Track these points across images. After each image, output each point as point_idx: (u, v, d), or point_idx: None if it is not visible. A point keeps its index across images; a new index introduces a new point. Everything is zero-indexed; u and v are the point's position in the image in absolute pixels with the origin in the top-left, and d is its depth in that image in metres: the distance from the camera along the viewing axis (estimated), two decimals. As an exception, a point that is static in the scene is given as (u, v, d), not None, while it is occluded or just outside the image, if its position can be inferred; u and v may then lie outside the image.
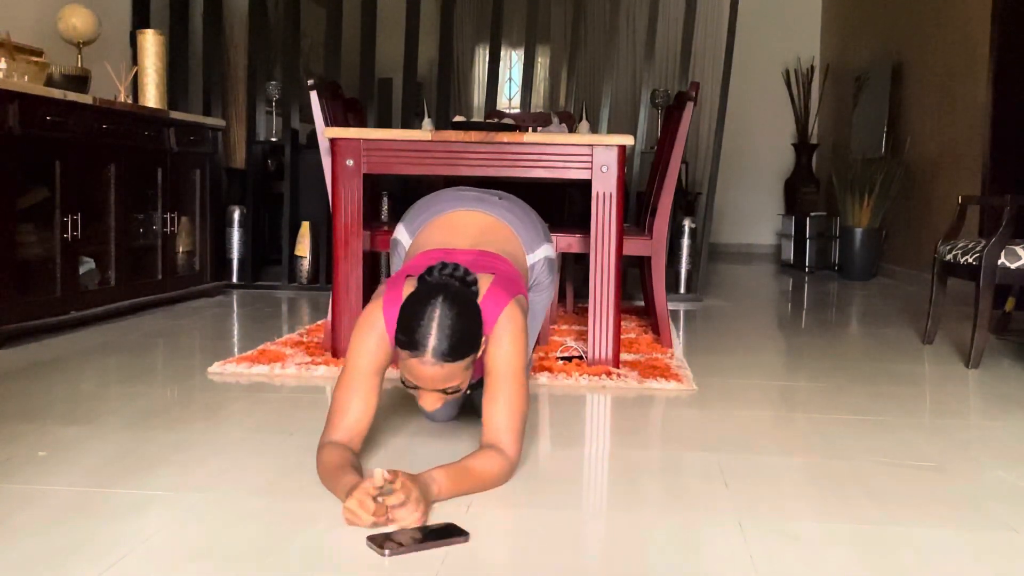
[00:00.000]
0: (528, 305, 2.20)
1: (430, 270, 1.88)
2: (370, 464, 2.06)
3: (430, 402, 1.88)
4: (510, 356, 1.95)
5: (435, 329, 1.76)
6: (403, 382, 1.87)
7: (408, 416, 2.50)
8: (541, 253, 2.38)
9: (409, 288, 1.96)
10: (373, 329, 1.95)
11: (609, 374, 3.09)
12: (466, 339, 1.79)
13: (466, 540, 1.62)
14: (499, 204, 2.36)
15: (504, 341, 1.95)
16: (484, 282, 2.02)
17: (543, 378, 3.02)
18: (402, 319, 1.80)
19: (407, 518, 1.66)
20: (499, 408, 1.93)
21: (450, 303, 1.79)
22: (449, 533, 1.63)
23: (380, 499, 1.66)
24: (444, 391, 1.85)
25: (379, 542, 1.58)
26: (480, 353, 1.88)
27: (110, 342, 3.60)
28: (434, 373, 1.79)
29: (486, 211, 2.33)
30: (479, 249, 2.18)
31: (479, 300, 1.96)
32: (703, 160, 9.00)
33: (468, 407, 2.49)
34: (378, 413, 2.48)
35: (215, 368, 3.06)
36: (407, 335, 1.78)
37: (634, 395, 2.87)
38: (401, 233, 2.40)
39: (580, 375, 3.05)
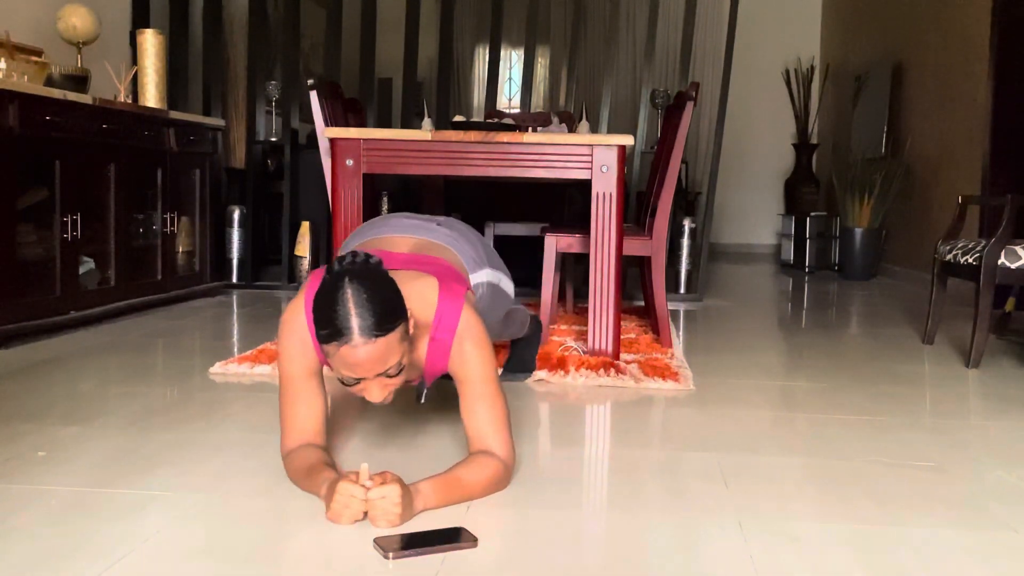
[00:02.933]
0: (475, 303, 2.12)
1: (331, 265, 1.75)
2: (347, 459, 2.06)
3: (376, 392, 1.76)
4: (478, 362, 1.89)
5: (352, 308, 1.64)
6: (342, 381, 1.75)
7: (398, 417, 2.50)
8: (483, 277, 2.28)
9: None
10: (297, 331, 1.89)
11: (609, 366, 3.10)
12: (388, 308, 1.68)
13: (474, 545, 1.61)
14: (436, 229, 2.27)
15: (468, 348, 1.89)
16: (430, 285, 1.93)
17: (542, 374, 3.02)
18: (317, 315, 1.68)
19: (380, 519, 1.65)
20: (480, 414, 1.89)
21: (358, 281, 1.67)
22: (458, 537, 1.62)
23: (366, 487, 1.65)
24: (387, 374, 1.73)
25: (385, 544, 1.57)
26: (411, 327, 1.78)
27: (110, 342, 3.60)
28: (369, 354, 1.67)
29: (423, 235, 2.23)
30: (414, 254, 2.10)
31: (434, 311, 1.89)
32: (703, 160, 9.00)
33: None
34: (353, 416, 2.47)
35: (216, 368, 3.06)
36: (327, 327, 1.66)
37: (634, 395, 2.87)
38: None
39: (581, 367, 3.05)
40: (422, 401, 2.05)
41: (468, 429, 1.91)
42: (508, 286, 2.45)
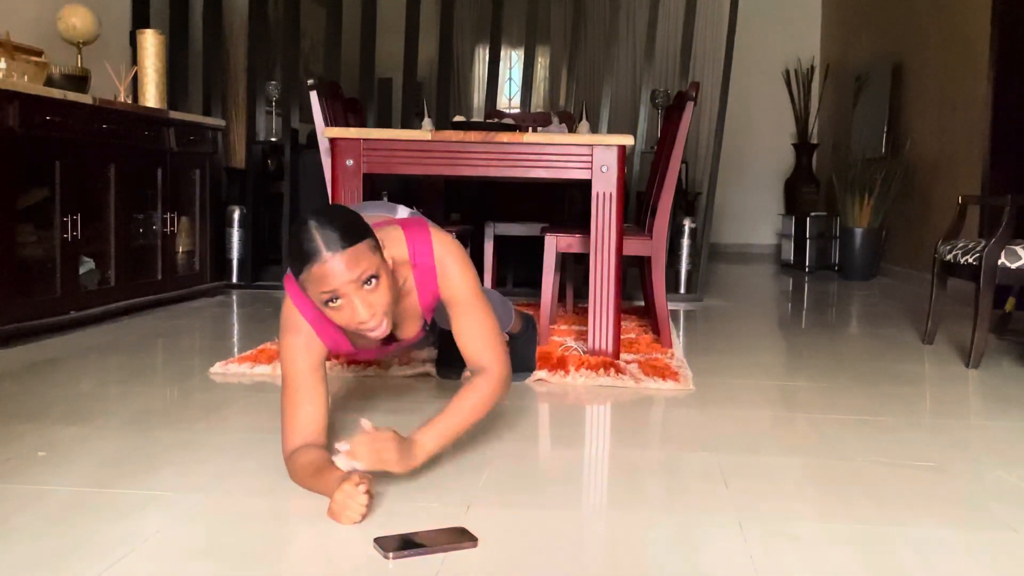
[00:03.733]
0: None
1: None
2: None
3: (361, 309, 1.76)
4: (461, 280, 2.00)
5: (316, 232, 1.72)
6: (326, 304, 1.76)
7: (392, 400, 2.50)
8: (404, 211, 2.37)
9: None
10: (297, 326, 1.92)
11: (609, 366, 3.10)
12: (351, 223, 1.75)
13: (475, 545, 1.61)
14: (395, 206, 2.37)
15: (451, 268, 2.00)
16: (393, 227, 2.02)
17: (542, 374, 3.02)
18: (290, 258, 1.76)
19: (370, 464, 1.72)
20: (471, 333, 2.00)
21: (316, 212, 1.76)
22: (458, 537, 1.62)
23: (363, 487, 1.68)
24: (363, 281, 1.75)
25: (385, 544, 1.57)
26: (379, 245, 1.82)
27: (110, 342, 3.60)
28: (342, 264, 1.71)
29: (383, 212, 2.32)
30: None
31: (405, 242, 1.98)
32: (703, 160, 9.00)
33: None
34: (364, 406, 2.48)
35: (216, 368, 3.06)
36: (299, 258, 1.73)
37: (634, 395, 2.87)
38: None
39: (581, 367, 3.05)
40: (467, 375, 2.12)
41: (462, 348, 2.02)
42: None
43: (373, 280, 1.77)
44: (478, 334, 2.00)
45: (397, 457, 1.77)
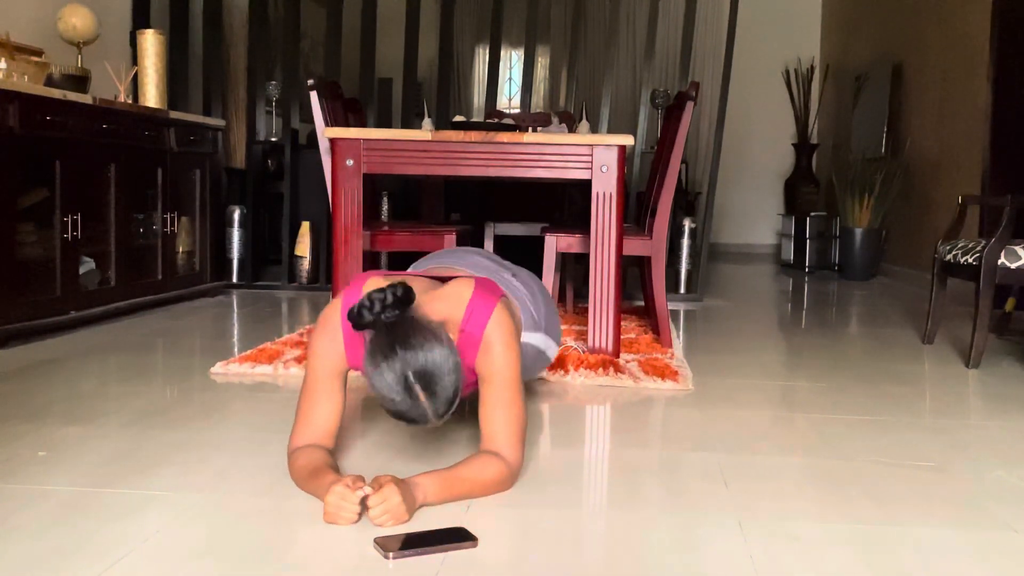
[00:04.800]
0: (513, 308, 2.15)
1: (354, 312, 1.74)
2: (350, 461, 2.06)
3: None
4: (503, 362, 1.90)
5: (423, 398, 1.70)
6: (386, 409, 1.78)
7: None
8: (534, 340, 2.32)
9: (370, 286, 1.93)
10: (332, 332, 1.91)
11: (608, 364, 3.10)
12: (448, 382, 1.72)
13: (475, 545, 1.61)
14: (508, 280, 2.30)
15: (496, 348, 1.90)
16: (466, 284, 1.96)
17: (543, 373, 3.02)
18: (382, 399, 1.72)
19: (382, 518, 1.66)
20: (496, 415, 1.89)
21: (410, 352, 1.69)
22: (457, 537, 1.62)
23: (362, 493, 1.67)
24: None
25: (385, 544, 1.57)
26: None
27: (110, 342, 3.60)
28: (439, 423, 1.77)
29: (490, 277, 2.25)
30: (451, 269, 2.14)
31: (466, 306, 1.91)
32: (703, 160, 9.00)
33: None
34: (360, 414, 2.48)
35: (217, 368, 3.06)
36: (402, 418, 1.73)
37: (634, 395, 2.87)
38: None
39: (580, 366, 3.05)
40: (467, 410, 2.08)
41: (483, 427, 1.91)
42: (553, 353, 2.49)
43: None
44: (503, 419, 1.90)
45: (406, 509, 1.70)
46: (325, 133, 3.38)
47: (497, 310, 1.93)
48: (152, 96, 4.68)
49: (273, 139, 6.04)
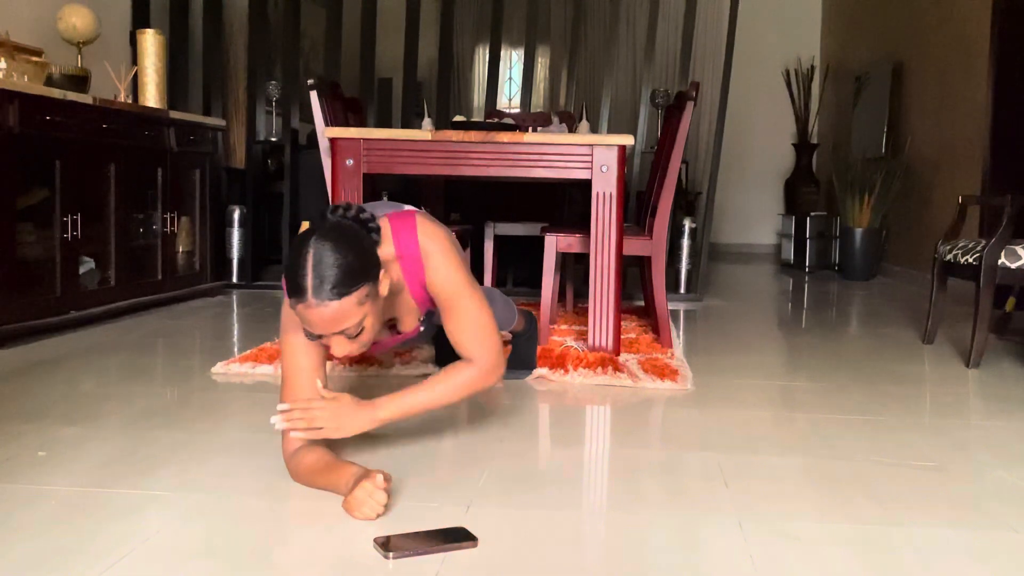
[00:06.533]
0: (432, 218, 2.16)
1: (322, 213, 1.80)
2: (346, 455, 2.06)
3: (339, 347, 1.77)
4: (447, 271, 1.92)
5: (310, 270, 1.67)
6: (307, 334, 1.79)
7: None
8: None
9: None
10: (297, 326, 1.90)
11: (608, 363, 3.10)
12: (346, 272, 1.68)
13: (475, 545, 1.61)
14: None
15: (436, 262, 1.92)
16: (384, 222, 1.97)
17: (543, 371, 3.02)
18: (285, 269, 1.71)
19: (326, 422, 1.73)
20: (461, 327, 1.92)
21: (323, 239, 1.69)
22: (458, 537, 1.62)
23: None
24: (346, 334, 1.75)
25: (384, 544, 1.58)
26: (377, 289, 1.78)
27: (110, 342, 3.60)
28: (323, 315, 1.69)
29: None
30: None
31: (391, 236, 1.92)
32: (703, 160, 9.00)
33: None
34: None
35: (218, 368, 3.06)
36: (289, 283, 1.70)
37: (634, 394, 2.87)
38: None
39: (580, 365, 3.05)
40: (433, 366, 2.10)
41: (455, 346, 1.95)
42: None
43: (357, 329, 1.75)
44: (468, 327, 1.92)
45: (352, 423, 1.74)
46: (325, 133, 3.38)
47: (419, 223, 1.95)
48: (152, 96, 4.68)
49: (273, 139, 6.04)
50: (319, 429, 1.84)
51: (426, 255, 1.93)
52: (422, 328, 2.17)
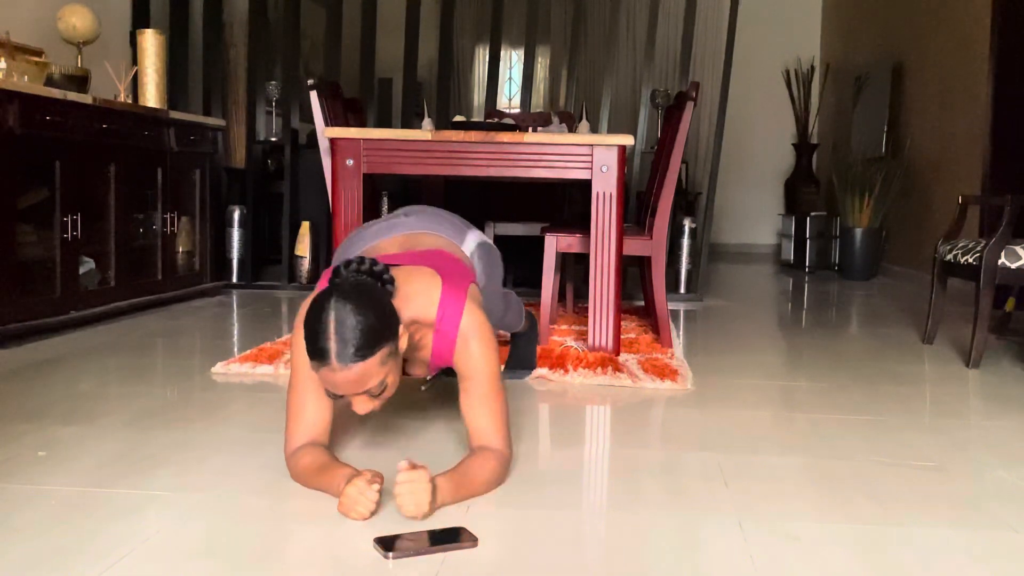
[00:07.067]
0: (480, 297, 2.14)
1: (337, 270, 1.79)
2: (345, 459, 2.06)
3: (360, 406, 1.77)
4: (482, 359, 1.91)
5: (332, 333, 1.65)
6: (328, 394, 1.78)
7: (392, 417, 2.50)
8: (473, 240, 2.34)
9: None
10: (309, 365, 1.87)
11: (608, 362, 3.10)
12: (369, 333, 1.67)
13: (475, 545, 1.61)
14: (407, 220, 2.29)
15: (472, 344, 1.91)
16: (433, 282, 1.94)
17: (543, 371, 3.02)
18: (306, 330, 1.69)
19: (408, 505, 1.67)
20: (482, 411, 1.90)
21: (343, 300, 1.67)
22: (458, 537, 1.62)
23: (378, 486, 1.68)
24: (368, 394, 1.74)
25: (386, 544, 1.57)
26: (397, 346, 1.77)
27: (110, 342, 3.60)
28: (346, 378, 1.68)
29: (400, 231, 2.24)
30: (407, 252, 2.11)
31: (437, 306, 1.90)
32: (703, 160, 9.00)
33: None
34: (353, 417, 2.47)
35: (218, 368, 3.06)
36: (311, 345, 1.68)
37: (633, 394, 2.87)
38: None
39: (580, 365, 3.05)
40: (423, 388, 2.07)
41: (468, 425, 1.93)
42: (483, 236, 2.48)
43: (380, 388, 1.75)
44: (488, 415, 1.90)
45: (428, 502, 1.70)
46: (325, 133, 3.38)
47: (467, 306, 1.94)
48: (152, 96, 4.68)
49: (273, 139, 6.04)
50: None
51: (463, 339, 1.92)
52: (429, 377, 2.16)
